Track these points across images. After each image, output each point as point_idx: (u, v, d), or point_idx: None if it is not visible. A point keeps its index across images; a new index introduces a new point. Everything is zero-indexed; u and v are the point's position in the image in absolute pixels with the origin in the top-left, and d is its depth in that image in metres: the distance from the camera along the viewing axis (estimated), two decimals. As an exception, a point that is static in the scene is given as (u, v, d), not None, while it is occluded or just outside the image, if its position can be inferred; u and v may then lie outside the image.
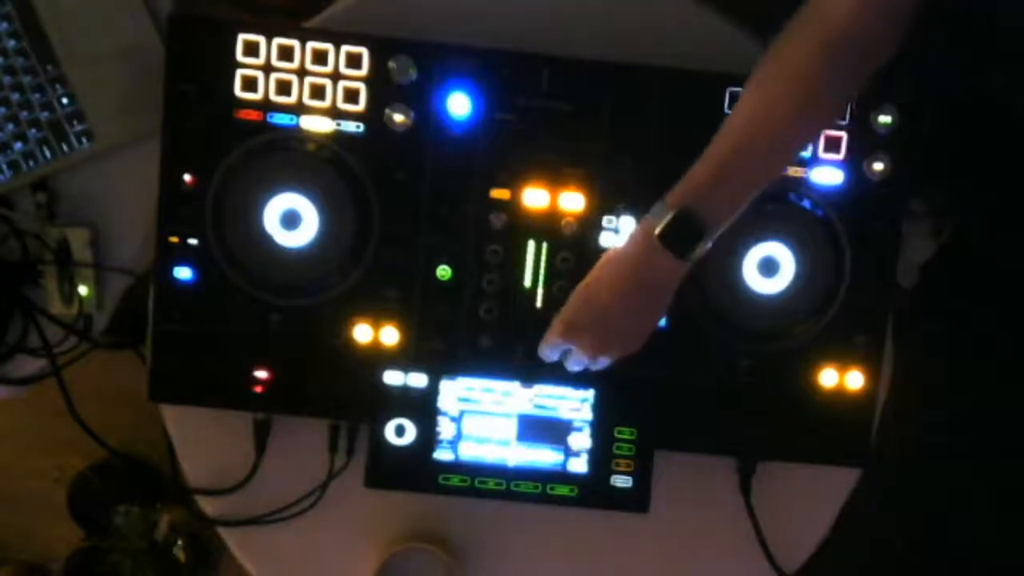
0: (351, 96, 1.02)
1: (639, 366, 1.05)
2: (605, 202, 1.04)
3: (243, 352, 1.04)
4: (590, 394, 1.05)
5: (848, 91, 0.94)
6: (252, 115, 1.02)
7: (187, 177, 1.02)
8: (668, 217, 0.89)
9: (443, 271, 1.04)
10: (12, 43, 1.08)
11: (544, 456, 1.06)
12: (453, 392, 1.05)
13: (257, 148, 1.02)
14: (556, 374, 1.04)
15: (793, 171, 1.03)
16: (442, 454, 1.05)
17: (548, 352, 1.00)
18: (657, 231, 0.89)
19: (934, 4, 0.86)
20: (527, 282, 1.05)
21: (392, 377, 1.04)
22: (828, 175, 1.03)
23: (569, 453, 1.05)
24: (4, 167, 1.09)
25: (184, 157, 1.02)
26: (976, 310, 1.12)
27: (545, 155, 1.03)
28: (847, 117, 1.03)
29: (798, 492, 1.12)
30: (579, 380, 1.04)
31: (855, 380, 1.06)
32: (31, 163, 1.09)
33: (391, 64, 1.01)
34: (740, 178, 0.90)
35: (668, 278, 0.93)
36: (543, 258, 1.04)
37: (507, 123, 1.03)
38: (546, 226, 1.04)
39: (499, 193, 1.03)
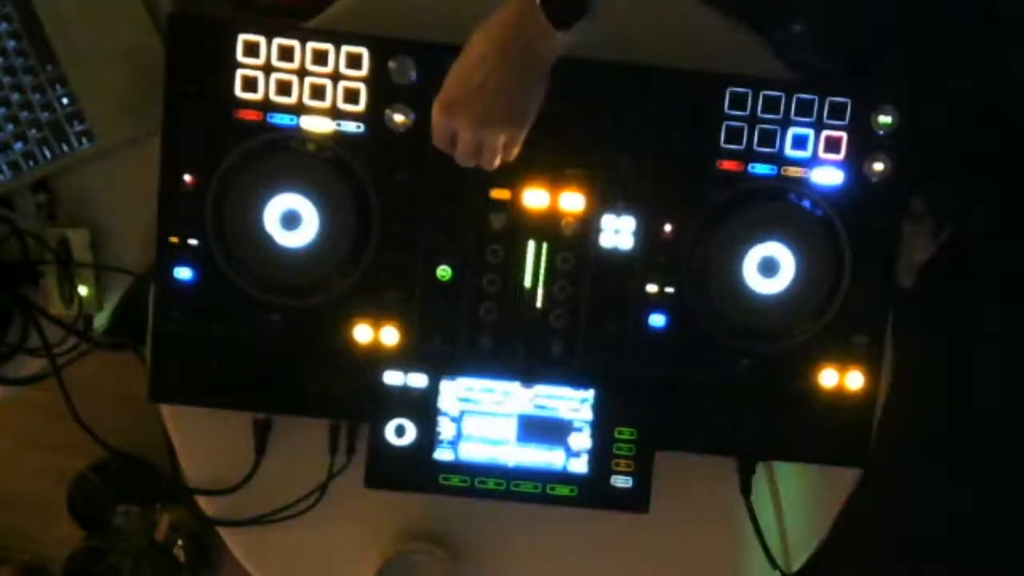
0: (351, 96, 1.02)
1: (639, 366, 1.05)
2: (605, 202, 1.04)
3: (243, 352, 1.04)
4: (590, 394, 1.05)
5: None
6: (252, 115, 1.02)
7: (187, 177, 1.02)
8: None
9: (443, 271, 1.04)
10: (12, 43, 1.08)
11: (544, 456, 1.05)
12: (453, 392, 1.05)
13: (257, 148, 1.01)
14: (556, 374, 1.04)
15: (793, 171, 1.03)
16: (442, 454, 1.05)
17: (439, 139, 0.94)
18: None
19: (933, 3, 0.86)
20: (527, 282, 1.05)
21: (392, 377, 1.04)
22: (828, 175, 1.03)
23: (569, 453, 1.05)
24: (4, 167, 1.09)
25: (184, 157, 1.02)
26: (976, 310, 1.12)
27: (545, 155, 1.03)
28: (847, 117, 1.03)
29: (798, 492, 1.12)
30: (579, 380, 1.04)
31: (855, 380, 1.06)
32: (31, 163, 1.09)
33: (391, 64, 1.01)
34: None
35: (545, 49, 0.87)
36: (543, 258, 1.04)
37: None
38: (546, 226, 1.04)
39: (499, 193, 1.03)
